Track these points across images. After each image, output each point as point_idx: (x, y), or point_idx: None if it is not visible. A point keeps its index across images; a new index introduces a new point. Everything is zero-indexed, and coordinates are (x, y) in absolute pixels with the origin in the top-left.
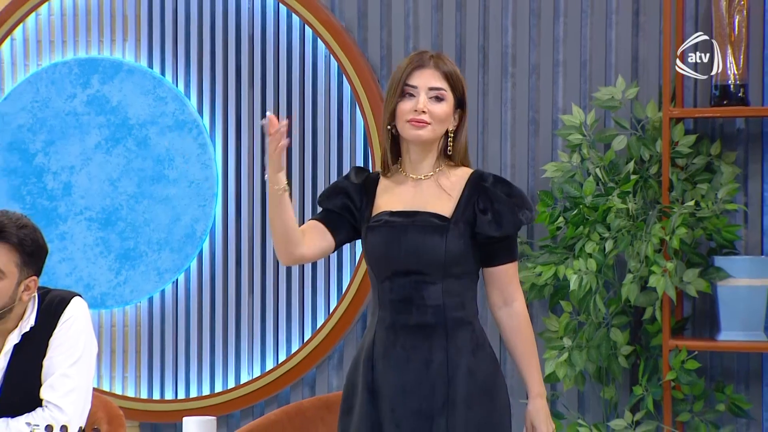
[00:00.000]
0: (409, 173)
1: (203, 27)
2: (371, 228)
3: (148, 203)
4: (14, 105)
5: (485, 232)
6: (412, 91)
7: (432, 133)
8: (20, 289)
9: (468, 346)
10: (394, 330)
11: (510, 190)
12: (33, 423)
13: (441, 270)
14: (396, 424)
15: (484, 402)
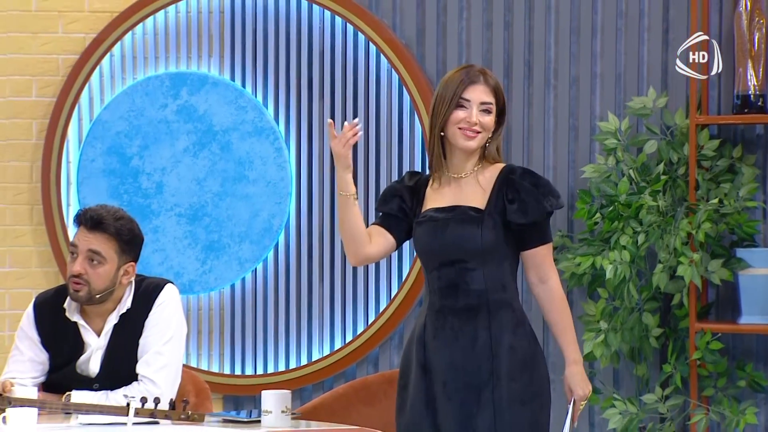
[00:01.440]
0: (452, 173)
1: (279, 44)
2: (418, 223)
3: (230, 201)
4: (113, 114)
5: (514, 220)
6: (466, 104)
7: (481, 141)
8: (120, 273)
9: (509, 325)
10: (443, 313)
11: (536, 180)
12: (130, 395)
13: (480, 257)
14: (448, 397)
15: (524, 375)
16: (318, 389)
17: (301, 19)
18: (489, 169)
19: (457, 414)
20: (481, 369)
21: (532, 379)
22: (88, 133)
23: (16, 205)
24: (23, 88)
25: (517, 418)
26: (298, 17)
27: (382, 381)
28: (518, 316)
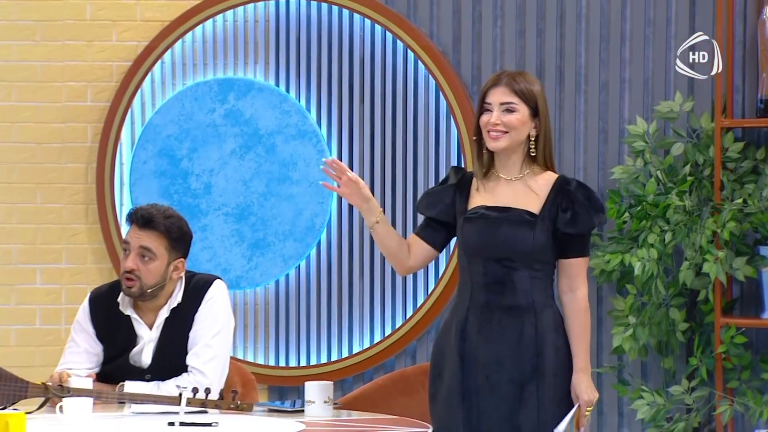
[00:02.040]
0: (501, 174)
1: (321, 51)
2: (468, 219)
3: (275, 200)
4: (164, 117)
5: (563, 228)
6: (489, 107)
7: (509, 140)
8: (170, 269)
9: (552, 325)
10: (489, 309)
11: (590, 194)
12: (181, 385)
13: (528, 258)
14: (490, 389)
15: (566, 373)
16: (358, 380)
17: (342, 27)
18: (542, 176)
19: (499, 408)
20: (525, 366)
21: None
22: (140, 136)
23: (72, 205)
24: (79, 93)
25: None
26: (340, 26)
27: (420, 373)
28: (558, 318)
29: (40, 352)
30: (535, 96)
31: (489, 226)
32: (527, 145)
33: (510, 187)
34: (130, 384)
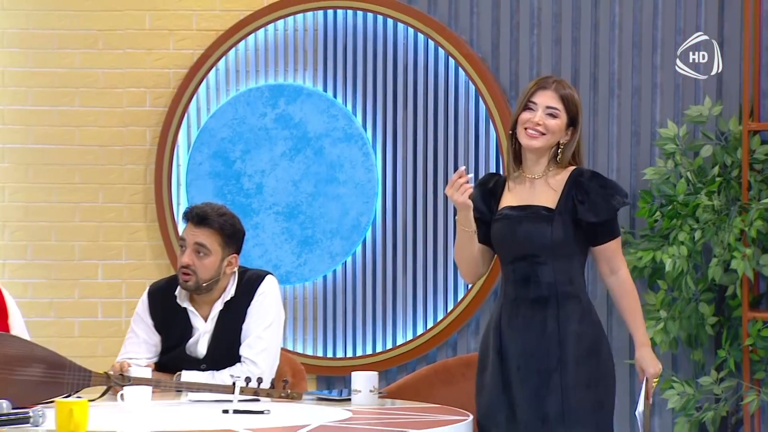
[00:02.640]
0: (526, 174)
1: (367, 58)
2: (495, 221)
3: (322, 200)
4: (218, 121)
5: (586, 219)
6: (533, 107)
7: (544, 142)
8: (224, 264)
9: (575, 315)
10: (516, 303)
11: (604, 182)
12: (234, 375)
13: (550, 252)
14: (522, 379)
15: (590, 360)
16: (402, 371)
17: (387, 35)
18: (561, 172)
19: (529, 397)
20: (549, 355)
21: (598, 365)
22: (196, 140)
23: (132, 204)
24: (138, 99)
25: (582, 401)
26: (385, 34)
27: (461, 364)
28: (584, 307)
29: (102, 343)
30: (577, 106)
31: (511, 225)
32: (555, 150)
33: (532, 186)
34: (186, 373)
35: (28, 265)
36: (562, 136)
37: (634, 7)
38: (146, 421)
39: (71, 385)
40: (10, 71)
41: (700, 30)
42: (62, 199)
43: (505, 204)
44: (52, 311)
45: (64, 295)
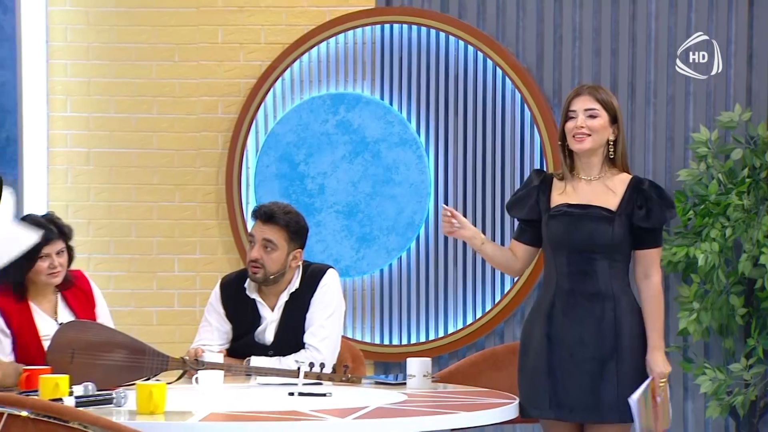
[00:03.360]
0: (581, 176)
1: (421, 69)
2: (552, 216)
3: (379, 200)
4: (284, 127)
5: (639, 223)
6: (573, 114)
7: (593, 142)
8: (289, 258)
9: (629, 309)
10: (574, 295)
11: (661, 193)
12: (299, 360)
13: (608, 250)
14: (574, 366)
15: (642, 352)
16: (453, 357)
17: (439, 48)
18: (618, 176)
19: (582, 383)
20: (605, 345)
21: (646, 358)
22: (264, 144)
23: (205, 204)
24: (211, 107)
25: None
26: (437, 46)
27: (507, 351)
28: (634, 303)
29: (178, 331)
30: (614, 105)
31: (572, 222)
32: (606, 148)
33: (590, 187)
34: (255, 359)
35: (110, 259)
36: (609, 134)
37: (668, 21)
38: (218, 402)
39: (150, 369)
40: (95, 81)
41: (731, 42)
42: (141, 198)
43: (562, 201)
44: (132, 301)
45: (144, 286)
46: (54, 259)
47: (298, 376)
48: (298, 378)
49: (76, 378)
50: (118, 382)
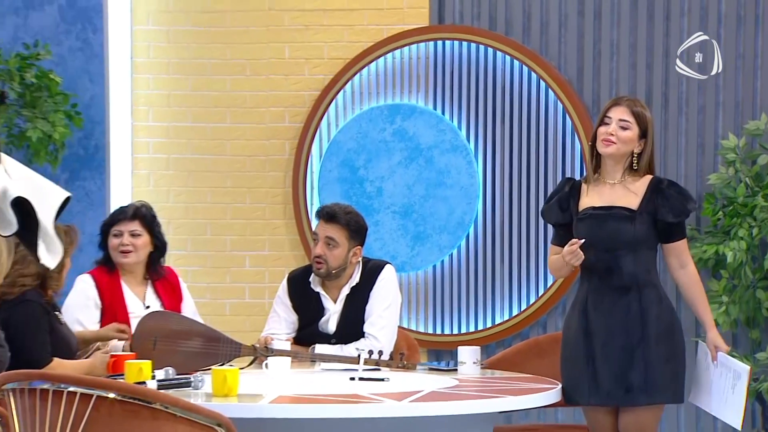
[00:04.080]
0: (605, 179)
1: (471, 81)
2: (580, 219)
3: (432, 201)
4: (345, 135)
5: (665, 219)
6: (608, 121)
7: (616, 150)
8: (350, 254)
9: (654, 300)
10: (602, 290)
11: (680, 189)
12: (359, 348)
13: (631, 247)
14: (606, 354)
15: (667, 339)
16: (500, 346)
17: (487, 62)
18: (638, 180)
19: (614, 369)
20: (632, 334)
21: (674, 342)
22: (326, 150)
23: (273, 205)
24: (279, 117)
25: (663, 373)
26: (485, 61)
27: (550, 340)
28: (660, 293)
29: (249, 321)
30: (647, 121)
31: (597, 223)
32: (630, 158)
33: (612, 189)
34: (319, 347)
35: (188, 255)
36: (635, 146)
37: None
38: (286, 386)
39: (224, 356)
40: (174, 94)
41: (757, 56)
42: (216, 200)
43: (588, 205)
44: (207, 294)
45: (218, 280)
46: (125, 237)
47: (359, 363)
48: (358, 364)
49: (158, 363)
50: (195, 367)
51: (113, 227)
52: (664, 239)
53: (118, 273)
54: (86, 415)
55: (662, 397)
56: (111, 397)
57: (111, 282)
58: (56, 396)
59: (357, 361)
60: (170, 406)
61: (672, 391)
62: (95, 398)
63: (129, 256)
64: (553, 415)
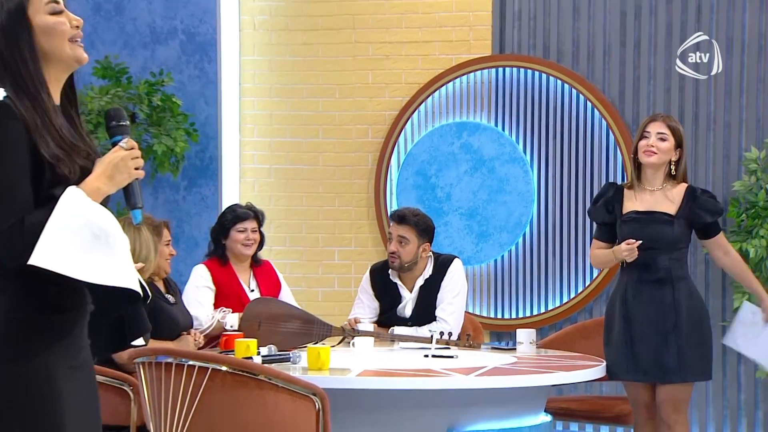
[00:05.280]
0: (646, 186)
1: (527, 102)
2: (624, 221)
3: (494, 205)
4: (420, 148)
5: (703, 220)
6: (647, 135)
7: (658, 159)
8: (419, 250)
9: (686, 292)
10: (640, 282)
11: (711, 195)
12: (432, 330)
13: (668, 246)
14: (644, 339)
15: (697, 326)
16: (552, 328)
17: (541, 85)
18: (676, 188)
19: (651, 352)
20: (667, 321)
21: (702, 329)
22: (404, 162)
23: (358, 208)
24: (363, 133)
25: (693, 357)
26: (540, 84)
27: (595, 324)
28: (691, 287)
29: (338, 306)
30: (680, 133)
31: (640, 226)
32: (669, 166)
33: (653, 196)
34: (398, 328)
35: (287, 250)
36: (672, 155)
37: (725, 63)
38: (370, 361)
39: (318, 336)
40: (275, 114)
41: None
42: (310, 204)
43: (631, 209)
44: (303, 283)
45: (311, 272)
46: (249, 233)
47: (431, 342)
48: (431, 343)
49: (262, 342)
50: (293, 345)
51: (238, 224)
52: (705, 236)
53: (229, 262)
54: (203, 384)
55: (693, 376)
56: (223, 370)
57: (223, 269)
58: (178, 368)
59: (430, 341)
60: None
61: (701, 371)
62: (210, 371)
63: (251, 248)
64: (598, 388)
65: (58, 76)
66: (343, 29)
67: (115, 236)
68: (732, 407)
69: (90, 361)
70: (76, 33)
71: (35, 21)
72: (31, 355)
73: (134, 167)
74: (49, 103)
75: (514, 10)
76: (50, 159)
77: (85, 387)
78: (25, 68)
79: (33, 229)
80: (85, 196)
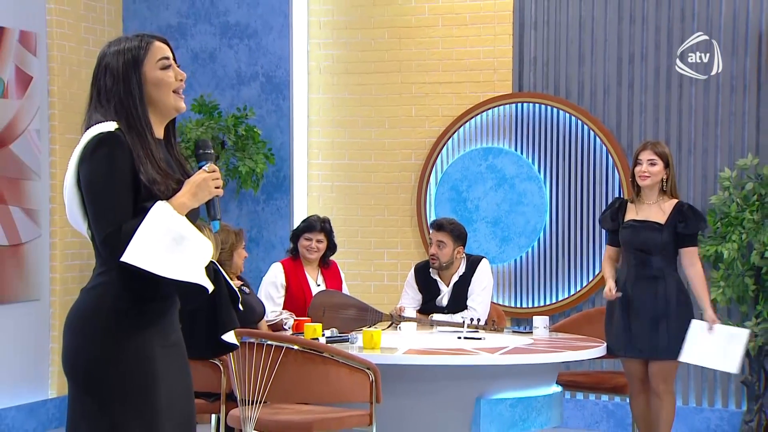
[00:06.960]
0: (644, 200)
1: (541, 130)
2: (624, 228)
3: (514, 215)
4: (454, 168)
5: (681, 231)
6: (640, 162)
7: (651, 181)
8: (454, 252)
9: (675, 286)
10: (637, 278)
11: (695, 211)
12: (464, 316)
13: (658, 249)
14: (640, 323)
15: (683, 314)
16: (561, 316)
17: (553, 117)
18: (668, 201)
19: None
20: (658, 309)
21: (689, 317)
22: (440, 180)
23: (403, 217)
24: (407, 156)
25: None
26: (551, 116)
27: (597, 312)
28: (679, 282)
29: (387, 297)
30: (667, 156)
31: (635, 232)
32: (661, 183)
33: (649, 208)
34: (436, 315)
35: (345, 252)
36: (663, 175)
37: (704, 98)
38: (414, 342)
39: (371, 321)
40: (336, 141)
41: (744, 111)
42: (364, 214)
43: (630, 217)
44: (358, 278)
45: (365, 269)
46: (313, 243)
47: (464, 327)
48: (463, 328)
49: (326, 325)
50: (351, 328)
51: (307, 233)
52: (681, 245)
53: (300, 262)
54: (278, 361)
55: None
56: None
57: (295, 268)
58: (258, 347)
59: (462, 325)
60: (335, 355)
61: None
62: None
63: (313, 255)
64: (600, 364)
65: (161, 119)
66: (391, 72)
67: (191, 241)
68: (709, 380)
69: (181, 341)
70: (179, 86)
71: (148, 74)
72: (132, 338)
73: (214, 186)
74: (151, 139)
75: (530, 57)
76: (147, 182)
77: (177, 362)
78: (135, 111)
79: (127, 234)
80: (170, 209)
